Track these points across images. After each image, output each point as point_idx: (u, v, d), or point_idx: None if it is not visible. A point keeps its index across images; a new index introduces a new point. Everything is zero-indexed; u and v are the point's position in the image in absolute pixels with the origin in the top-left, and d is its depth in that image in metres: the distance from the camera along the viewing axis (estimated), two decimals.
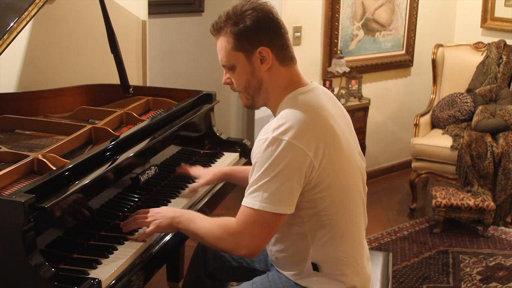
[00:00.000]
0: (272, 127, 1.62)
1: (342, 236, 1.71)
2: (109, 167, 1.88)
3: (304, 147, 1.58)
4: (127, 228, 1.84)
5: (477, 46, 4.36)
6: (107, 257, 1.71)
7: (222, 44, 1.70)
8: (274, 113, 1.74)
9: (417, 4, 4.50)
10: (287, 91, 1.70)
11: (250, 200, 1.62)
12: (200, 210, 2.12)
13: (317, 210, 1.67)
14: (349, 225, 1.72)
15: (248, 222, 1.62)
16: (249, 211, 1.62)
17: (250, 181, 1.64)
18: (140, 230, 1.85)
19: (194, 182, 2.27)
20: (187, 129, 2.48)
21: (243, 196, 1.66)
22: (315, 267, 1.73)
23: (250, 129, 4.57)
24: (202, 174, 2.21)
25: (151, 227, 1.81)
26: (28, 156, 1.91)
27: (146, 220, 1.83)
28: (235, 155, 2.60)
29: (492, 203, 3.60)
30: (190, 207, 2.11)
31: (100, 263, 1.68)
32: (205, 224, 1.73)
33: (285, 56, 1.71)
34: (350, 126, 1.82)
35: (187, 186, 2.24)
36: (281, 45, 1.69)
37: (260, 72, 1.69)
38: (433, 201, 3.68)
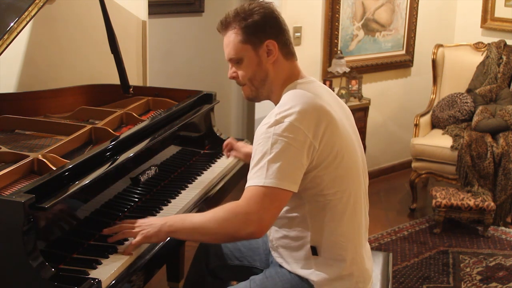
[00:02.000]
0: (274, 113, 1.69)
1: (340, 219, 1.74)
2: (109, 167, 1.88)
3: (304, 129, 1.64)
4: (113, 239, 1.78)
5: (477, 46, 4.36)
6: (107, 257, 1.71)
7: (230, 38, 1.79)
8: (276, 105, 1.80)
9: (417, 4, 4.50)
10: (287, 83, 1.81)
11: (254, 180, 1.63)
12: (200, 211, 2.12)
13: (317, 190, 1.71)
14: (347, 207, 1.75)
15: (255, 198, 1.60)
16: (254, 189, 1.61)
17: (252, 163, 1.66)
18: (126, 242, 1.78)
19: (193, 181, 2.29)
20: (187, 129, 2.49)
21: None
22: (314, 250, 1.76)
23: (250, 129, 4.57)
24: (244, 151, 2.31)
25: (138, 237, 1.73)
26: (28, 156, 1.91)
27: (133, 230, 1.77)
28: None
29: (492, 203, 3.60)
30: (191, 206, 2.12)
31: (100, 263, 1.68)
32: (203, 215, 1.70)
33: (288, 51, 1.82)
34: (350, 119, 1.88)
35: (187, 186, 2.25)
36: (285, 40, 1.80)
37: (266, 64, 1.78)
38: (433, 201, 3.68)
